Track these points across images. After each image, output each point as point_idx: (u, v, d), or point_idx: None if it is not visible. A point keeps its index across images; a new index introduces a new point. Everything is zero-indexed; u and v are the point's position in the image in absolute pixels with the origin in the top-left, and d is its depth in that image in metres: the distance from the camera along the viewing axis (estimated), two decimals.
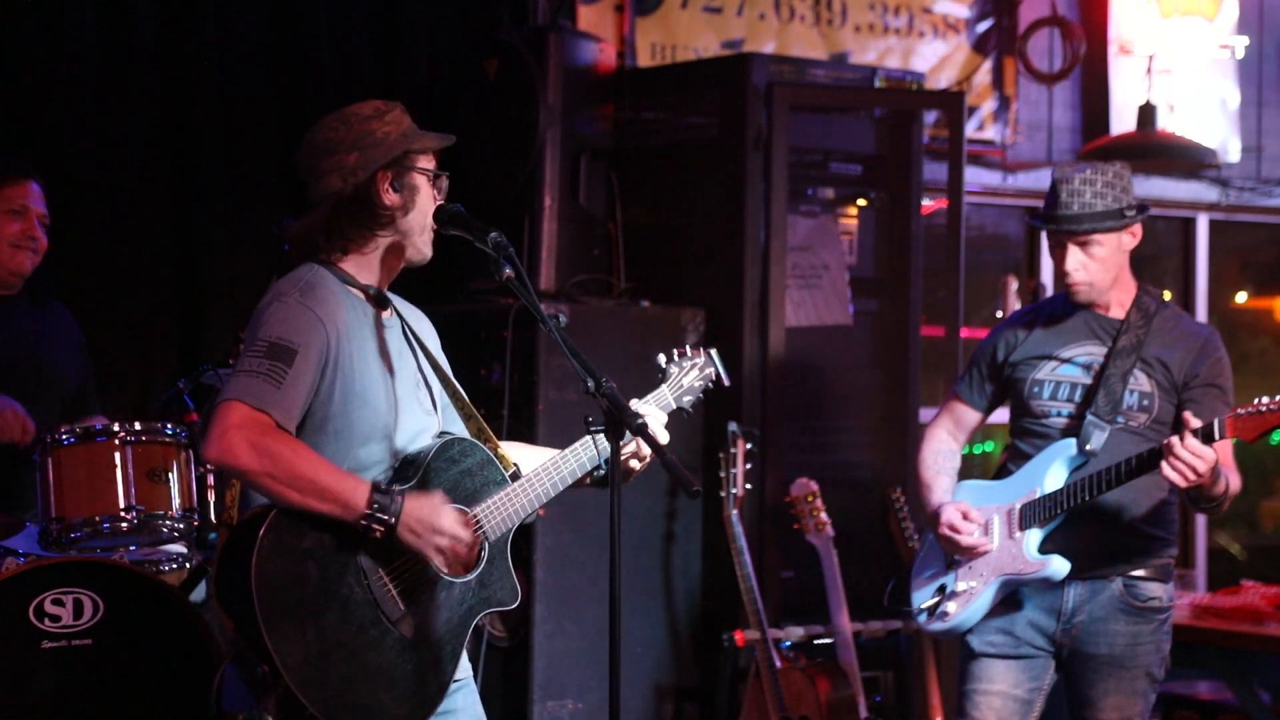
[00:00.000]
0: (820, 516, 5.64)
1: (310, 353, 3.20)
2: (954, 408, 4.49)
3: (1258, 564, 8.30)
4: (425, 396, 3.42)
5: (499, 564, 3.37)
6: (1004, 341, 4.37)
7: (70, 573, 4.19)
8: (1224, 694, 6.25)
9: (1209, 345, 4.24)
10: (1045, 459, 4.21)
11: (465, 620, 3.30)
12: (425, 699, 3.24)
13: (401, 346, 3.40)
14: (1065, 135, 7.63)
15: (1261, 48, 7.98)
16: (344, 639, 3.16)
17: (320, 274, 3.32)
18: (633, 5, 6.63)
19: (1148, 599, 4.20)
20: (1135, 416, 4.18)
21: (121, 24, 5.63)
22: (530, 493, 3.38)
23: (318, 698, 3.11)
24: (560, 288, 5.87)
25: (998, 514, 4.24)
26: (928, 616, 4.34)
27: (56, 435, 4.36)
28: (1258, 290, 8.89)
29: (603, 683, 5.40)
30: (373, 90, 6.02)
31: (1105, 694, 4.19)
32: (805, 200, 6.20)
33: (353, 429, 3.27)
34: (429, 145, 3.37)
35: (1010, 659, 4.24)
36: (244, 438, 3.11)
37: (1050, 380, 4.26)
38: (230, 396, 3.16)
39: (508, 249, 3.22)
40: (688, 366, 3.59)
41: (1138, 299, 4.26)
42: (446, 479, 3.31)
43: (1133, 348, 4.18)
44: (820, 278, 6.18)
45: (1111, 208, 4.17)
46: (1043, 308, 4.40)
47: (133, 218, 5.64)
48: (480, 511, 3.32)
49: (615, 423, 3.12)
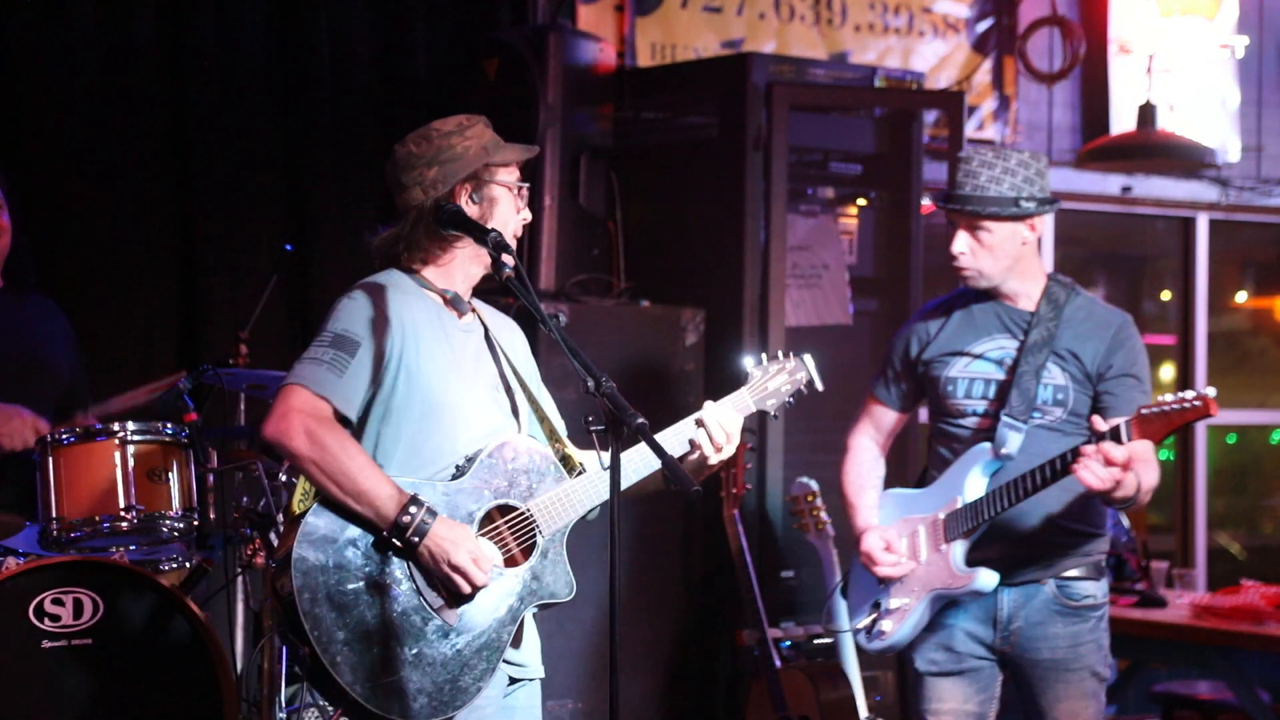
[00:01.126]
0: (820, 516, 5.63)
1: (373, 347, 3.33)
2: (872, 410, 4.41)
3: (1258, 564, 8.30)
4: (505, 400, 3.50)
5: (553, 557, 3.46)
6: (915, 337, 4.28)
7: (70, 573, 4.19)
8: (1224, 694, 6.25)
9: (1122, 334, 4.12)
10: (963, 466, 4.13)
11: (514, 612, 3.37)
12: (463, 688, 3.30)
13: (480, 351, 3.51)
14: (1065, 135, 7.64)
15: (1261, 48, 7.99)
16: (384, 624, 3.25)
17: (396, 278, 3.45)
18: (633, 5, 6.63)
19: (1083, 598, 4.12)
20: (1051, 411, 4.08)
21: (121, 24, 5.63)
22: (589, 489, 3.47)
23: (354, 679, 3.22)
24: (560, 287, 5.88)
25: (922, 525, 4.17)
26: (864, 636, 4.27)
27: (56, 435, 4.36)
28: (1258, 290, 8.89)
29: (603, 683, 5.41)
30: (373, 90, 6.04)
31: (1056, 700, 4.12)
32: (805, 200, 6.20)
33: (416, 425, 3.36)
34: (510, 158, 3.49)
35: (954, 675, 4.18)
36: (301, 423, 3.25)
37: (964, 377, 4.17)
38: (294, 380, 3.31)
39: (508, 248, 3.25)
40: (774, 370, 3.67)
41: (1048, 290, 4.16)
42: (502, 476, 3.39)
43: (1044, 342, 4.08)
44: (820, 277, 6.18)
45: (1006, 195, 4.07)
46: (953, 300, 4.29)
47: (133, 217, 5.64)
48: (534, 506, 3.41)
49: (615, 422, 3.12)
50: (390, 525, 3.24)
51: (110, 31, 5.62)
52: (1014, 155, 4.10)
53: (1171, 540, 8.16)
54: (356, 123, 5.99)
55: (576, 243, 5.97)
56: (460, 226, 3.35)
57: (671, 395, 5.78)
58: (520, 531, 3.42)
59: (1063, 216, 7.75)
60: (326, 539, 3.27)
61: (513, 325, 3.67)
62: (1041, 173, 4.12)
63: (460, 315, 3.49)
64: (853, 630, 4.31)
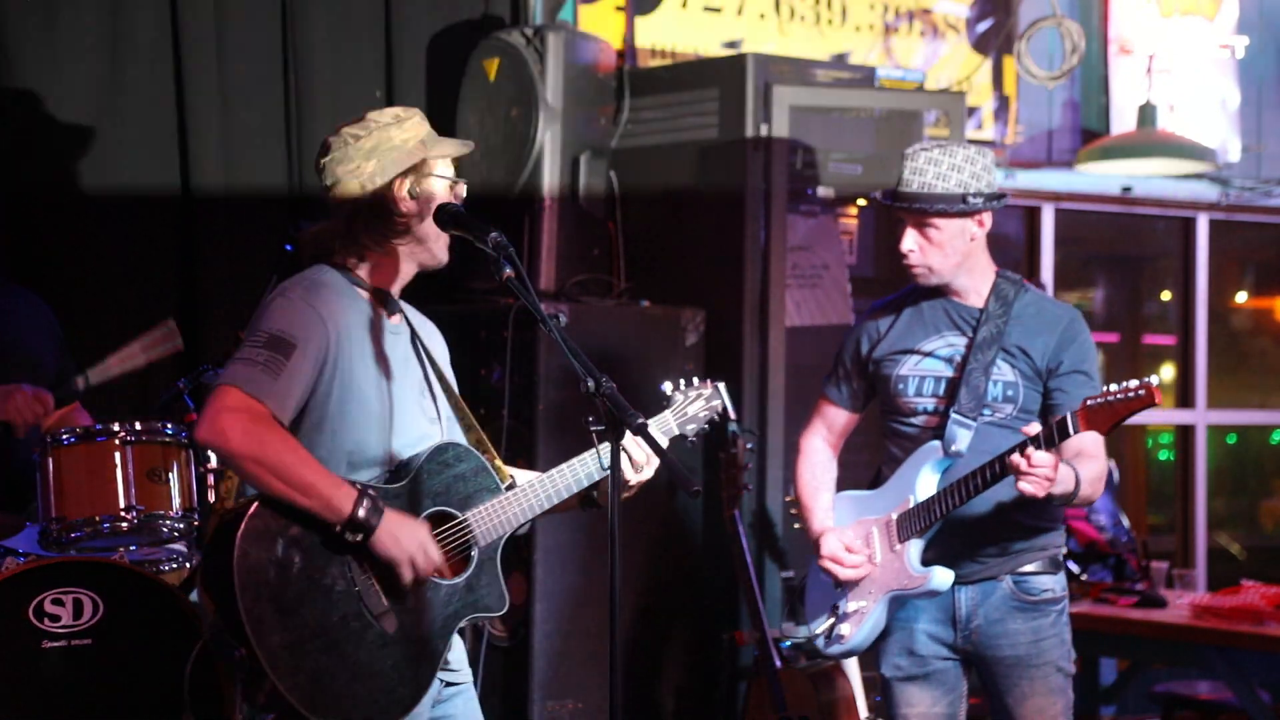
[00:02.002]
0: None
1: (309, 349, 3.25)
2: (824, 410, 4.39)
3: (1258, 564, 8.31)
4: (429, 405, 3.45)
5: (488, 570, 3.38)
6: (865, 336, 4.26)
7: (70, 573, 4.19)
8: (1224, 694, 6.25)
9: (1071, 329, 4.10)
10: (914, 464, 4.10)
11: (449, 623, 3.32)
12: (401, 697, 3.25)
13: (408, 354, 3.44)
14: (1065, 135, 7.64)
15: (1262, 48, 7.99)
16: (324, 629, 3.19)
17: (329, 275, 3.37)
18: (633, 5, 6.63)
19: (1040, 592, 4.10)
20: (1000, 408, 4.06)
21: (121, 24, 5.62)
22: (523, 502, 3.41)
23: (293, 684, 3.14)
24: (560, 288, 5.87)
25: (876, 527, 4.15)
26: (824, 640, 4.25)
27: (56, 435, 4.36)
28: (1258, 290, 8.89)
29: (603, 683, 5.40)
30: (373, 90, 6.03)
31: (1023, 698, 4.09)
32: (805, 200, 6.19)
33: (348, 429, 3.30)
34: (447, 152, 3.41)
35: (919, 679, 4.16)
36: (237, 421, 3.16)
37: (914, 375, 4.15)
38: (226, 381, 3.21)
39: (508, 249, 3.23)
40: (693, 396, 3.63)
41: (996, 286, 4.13)
42: (439, 482, 3.35)
43: (993, 338, 4.06)
44: (821, 277, 6.17)
45: (953, 191, 4.04)
46: (904, 296, 4.26)
47: (132, 217, 5.63)
48: (471, 516, 3.36)
49: (615, 423, 3.12)
50: (344, 517, 3.18)
51: (110, 31, 5.61)
52: (959, 151, 4.07)
53: (1171, 540, 8.16)
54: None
55: (576, 243, 5.97)
56: (460, 226, 3.32)
57: None
58: (456, 541, 3.36)
59: (1063, 216, 7.75)
60: (269, 536, 3.19)
61: (435, 330, 3.61)
62: (988, 168, 4.09)
63: (390, 315, 3.42)
64: (811, 636, 4.28)
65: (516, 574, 5.55)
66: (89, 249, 5.56)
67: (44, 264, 5.46)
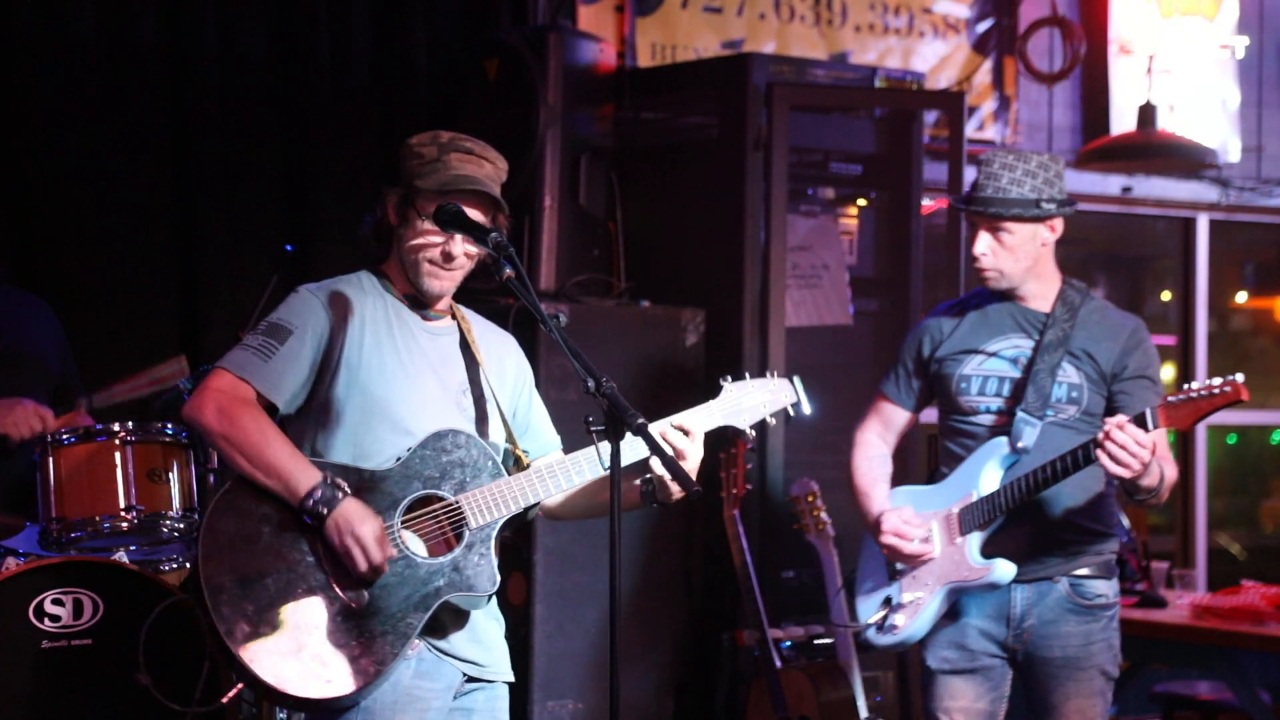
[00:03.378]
0: (820, 516, 5.63)
1: (306, 335, 3.37)
2: (882, 408, 4.42)
3: (1258, 564, 8.30)
4: (470, 406, 3.49)
5: (479, 550, 3.40)
6: (929, 336, 4.30)
7: (70, 573, 4.19)
8: (1224, 694, 6.24)
9: (1136, 336, 4.17)
10: (978, 460, 4.15)
11: (427, 600, 3.34)
12: (363, 667, 3.28)
13: (450, 355, 3.51)
14: (1065, 135, 7.63)
15: (1261, 48, 7.98)
16: (287, 600, 3.26)
17: (357, 276, 3.51)
18: (633, 5, 6.63)
19: (1094, 597, 4.15)
20: (1064, 409, 4.11)
21: (121, 24, 5.63)
22: (524, 488, 3.44)
23: (251, 653, 3.22)
24: (560, 288, 5.87)
25: (936, 520, 4.18)
26: (875, 631, 4.27)
27: (57, 435, 4.36)
28: (1258, 290, 8.89)
29: (603, 683, 5.41)
30: (373, 90, 6.03)
31: (1065, 699, 4.13)
32: (805, 200, 6.20)
33: (357, 416, 3.37)
34: (429, 185, 3.41)
35: (966, 673, 4.19)
36: (214, 399, 3.30)
37: (977, 375, 4.20)
38: (219, 364, 3.37)
39: (508, 249, 3.25)
40: (751, 388, 3.62)
41: (1062, 292, 4.20)
42: (433, 465, 3.39)
43: (1059, 341, 4.12)
44: (820, 278, 6.18)
45: (1027, 197, 4.11)
46: (968, 301, 4.32)
47: (133, 217, 5.63)
48: (463, 499, 3.39)
49: (615, 422, 3.12)
50: (299, 498, 3.25)
51: (110, 31, 5.61)
52: (1034, 157, 4.15)
53: (1171, 540, 8.16)
54: (356, 123, 5.99)
55: (576, 243, 5.97)
56: (459, 227, 3.34)
57: (671, 395, 5.77)
58: (449, 522, 3.40)
59: None
60: (239, 511, 3.29)
61: (507, 339, 3.67)
62: (1060, 175, 4.18)
63: (427, 318, 3.51)
64: (863, 626, 4.31)
65: (517, 574, 5.55)
66: (89, 250, 5.55)
67: (44, 265, 5.46)
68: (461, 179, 3.41)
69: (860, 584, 4.37)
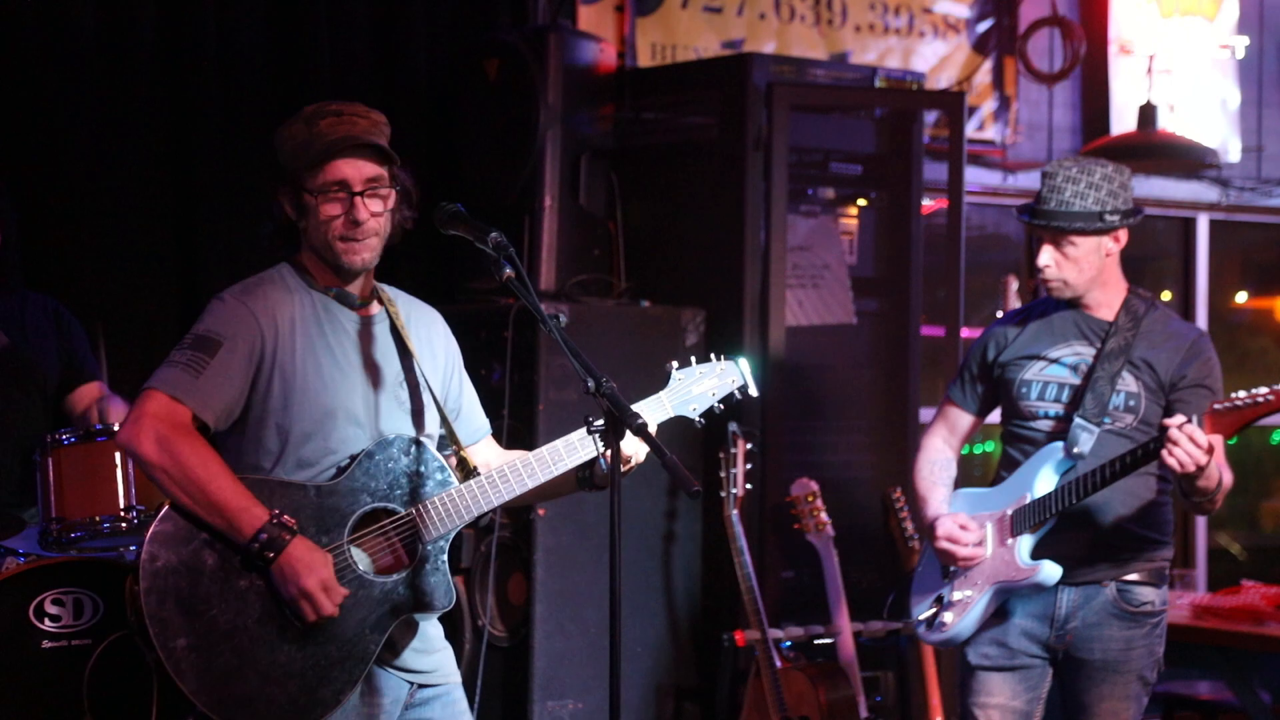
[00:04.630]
0: (820, 516, 5.64)
1: (238, 345, 3.23)
2: (948, 412, 4.45)
3: (1258, 564, 8.30)
4: (406, 398, 3.39)
5: (433, 565, 3.31)
6: (994, 341, 4.34)
7: (70, 573, 4.18)
8: (1224, 694, 6.24)
9: (1197, 346, 4.19)
10: (1034, 464, 4.18)
11: (383, 621, 3.26)
12: (321, 697, 3.20)
13: (382, 347, 3.38)
14: (1065, 135, 7.64)
15: (1261, 48, 7.98)
16: (234, 630, 3.16)
17: (278, 273, 3.36)
18: (633, 5, 6.63)
19: (1141, 604, 4.17)
20: (1121, 418, 4.14)
21: (121, 24, 5.63)
22: (476, 496, 3.33)
23: (199, 687, 3.13)
24: (560, 288, 5.87)
25: (990, 521, 4.22)
26: (926, 627, 4.33)
27: (56, 435, 4.36)
28: (1258, 290, 8.88)
29: (603, 683, 5.40)
30: (373, 90, 6.03)
31: (1099, 699, 4.16)
32: (805, 200, 6.19)
33: (293, 425, 3.27)
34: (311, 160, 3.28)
35: (1006, 670, 4.22)
36: (152, 428, 3.16)
37: (1038, 380, 4.23)
38: (150, 385, 3.21)
39: (508, 249, 3.21)
40: (698, 374, 3.51)
41: (1127, 301, 4.24)
42: (382, 477, 3.29)
43: (1121, 350, 4.15)
44: (823, 277, 6.18)
45: (1091, 210, 4.12)
46: (1034, 308, 4.37)
47: (133, 217, 5.63)
48: (416, 511, 3.30)
49: (615, 422, 3.12)
50: (244, 542, 3.14)
51: (110, 31, 5.61)
52: (1097, 169, 4.14)
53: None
54: None
55: (576, 243, 5.97)
56: (460, 226, 3.28)
57: None
58: (400, 536, 3.30)
59: None
60: (179, 539, 3.17)
61: (434, 317, 3.53)
62: (1125, 185, 4.17)
63: (355, 309, 3.37)
64: (915, 622, 4.36)
65: (517, 574, 5.55)
66: (89, 249, 5.55)
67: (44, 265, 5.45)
68: (338, 141, 3.27)
69: (919, 582, 4.42)
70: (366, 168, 3.29)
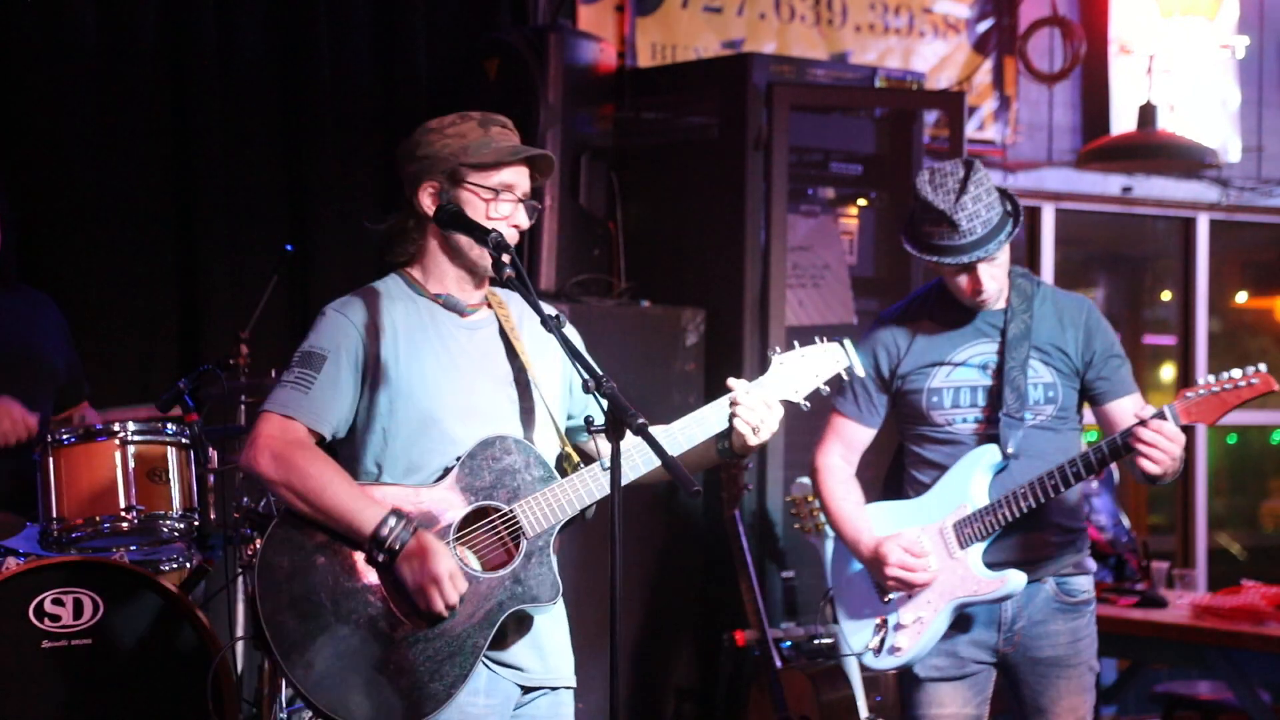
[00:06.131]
0: (820, 517, 5.63)
1: (341, 357, 3.31)
2: (841, 427, 4.25)
3: (1258, 564, 8.30)
4: (516, 397, 3.42)
5: (538, 560, 3.37)
6: (884, 351, 4.17)
7: (70, 573, 4.19)
8: (1224, 694, 6.24)
9: (1092, 317, 4.10)
10: (965, 469, 4.04)
11: (491, 616, 3.30)
12: (433, 692, 3.25)
13: (491, 348, 3.42)
14: (1065, 135, 7.64)
15: (1261, 48, 7.99)
16: (347, 630, 3.23)
17: (385, 284, 3.41)
18: (633, 5, 6.63)
19: (1080, 594, 4.12)
20: (1042, 410, 4.05)
21: (121, 24, 5.63)
22: (579, 490, 3.38)
23: (314, 685, 3.20)
24: (560, 287, 5.88)
25: (925, 534, 4.06)
26: (875, 654, 4.13)
27: (57, 435, 4.36)
28: (1258, 290, 8.89)
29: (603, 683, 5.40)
30: (373, 90, 6.03)
31: (1057, 698, 4.10)
32: (805, 200, 6.20)
33: (406, 432, 3.33)
34: (485, 159, 3.34)
35: (956, 680, 4.14)
36: (268, 447, 3.26)
37: (948, 387, 4.09)
38: (264, 407, 3.31)
39: (508, 248, 3.23)
40: (798, 357, 3.50)
41: (1013, 284, 4.11)
42: (486, 475, 3.33)
43: (1023, 334, 4.04)
44: (824, 277, 6.18)
45: (1002, 211, 3.99)
46: (916, 308, 4.18)
47: (133, 217, 5.64)
48: (519, 508, 3.34)
49: (616, 422, 3.11)
50: (368, 539, 3.21)
51: (110, 31, 5.62)
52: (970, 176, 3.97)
53: (1172, 540, 8.16)
54: (356, 123, 5.99)
55: (577, 243, 5.97)
56: (458, 226, 3.31)
57: (671, 395, 5.78)
58: (505, 532, 3.35)
59: (1063, 216, 7.75)
60: (293, 544, 3.25)
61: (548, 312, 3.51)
62: (987, 175, 4.03)
63: (463, 314, 3.41)
64: (859, 652, 4.16)
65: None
66: (88, 250, 5.56)
67: (44, 265, 5.46)
68: (520, 148, 3.37)
69: (844, 605, 4.24)
70: (526, 181, 3.39)
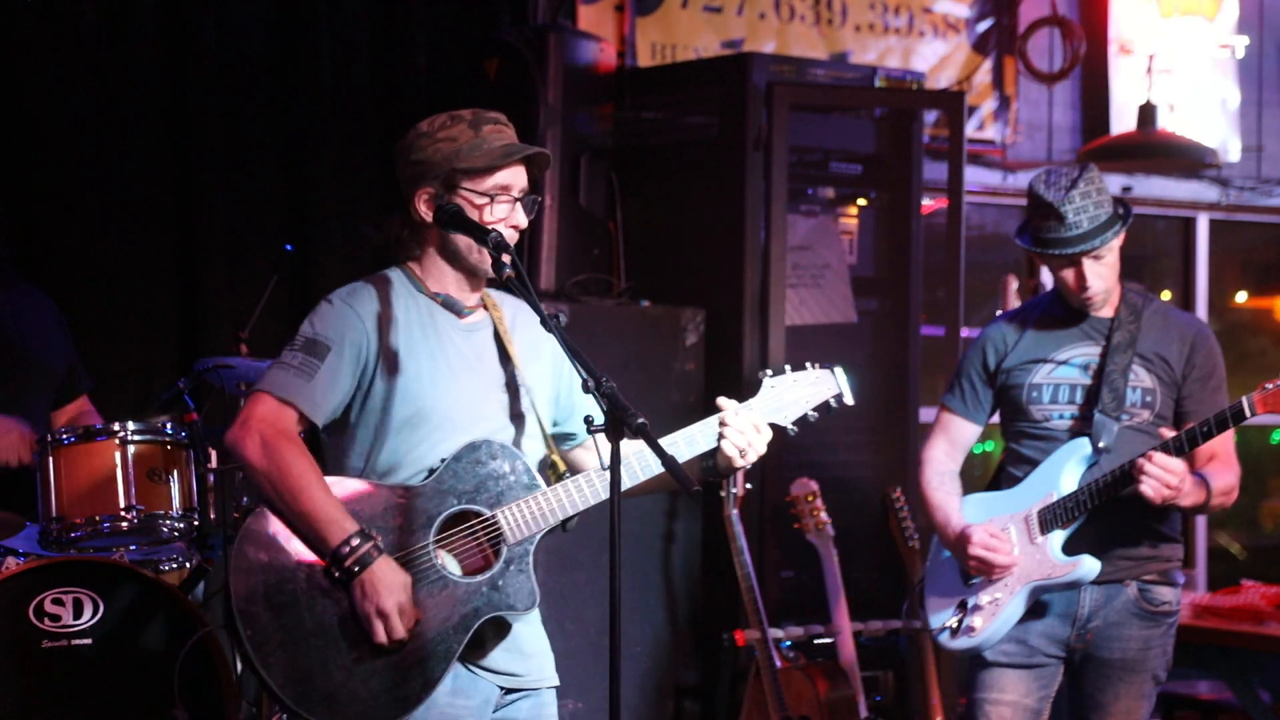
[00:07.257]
0: (820, 516, 5.64)
1: (344, 348, 3.30)
2: (949, 423, 4.38)
3: (1258, 564, 8.30)
4: (508, 401, 3.42)
5: (518, 567, 3.34)
6: (992, 348, 4.30)
7: (70, 573, 4.19)
8: (1224, 694, 6.25)
9: (1200, 337, 4.21)
10: (1058, 461, 4.15)
11: (466, 621, 3.29)
12: (405, 695, 3.24)
13: (485, 351, 3.42)
14: (1065, 135, 7.63)
15: (1261, 48, 7.98)
16: (320, 628, 3.22)
17: (390, 276, 3.40)
18: (633, 5, 6.63)
19: (1160, 603, 4.18)
20: (1138, 413, 4.14)
21: (121, 24, 5.63)
22: (562, 499, 3.37)
23: (286, 682, 3.19)
24: (560, 287, 5.87)
25: (1013, 523, 4.17)
26: (950, 635, 4.24)
27: (57, 435, 4.36)
28: (1258, 290, 8.88)
29: (603, 682, 5.40)
30: (373, 90, 6.03)
31: (1115, 698, 4.16)
32: (805, 200, 6.19)
33: (399, 429, 3.32)
34: (477, 164, 3.33)
35: (1023, 668, 4.19)
36: (258, 431, 3.24)
37: (1048, 383, 4.21)
38: (261, 387, 3.29)
39: (508, 248, 3.23)
40: (789, 382, 3.53)
41: (1124, 296, 4.23)
42: (469, 479, 3.33)
43: (1128, 343, 4.14)
44: (824, 277, 6.18)
45: (1112, 212, 4.13)
46: (1028, 311, 4.34)
47: (133, 217, 5.64)
48: (501, 514, 3.33)
49: (616, 423, 3.11)
50: (329, 552, 3.20)
51: (110, 31, 5.62)
52: (1088, 174, 4.10)
53: None
54: (356, 123, 5.99)
55: (576, 243, 5.97)
56: (458, 227, 3.30)
57: (671, 395, 5.78)
58: (486, 538, 3.34)
59: None
60: (270, 537, 3.24)
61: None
62: (1100, 177, 4.16)
63: (461, 315, 3.41)
64: (937, 630, 4.27)
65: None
66: (88, 249, 5.56)
67: (44, 265, 5.45)
68: (514, 147, 3.35)
69: (931, 588, 4.34)
70: (522, 178, 3.38)
